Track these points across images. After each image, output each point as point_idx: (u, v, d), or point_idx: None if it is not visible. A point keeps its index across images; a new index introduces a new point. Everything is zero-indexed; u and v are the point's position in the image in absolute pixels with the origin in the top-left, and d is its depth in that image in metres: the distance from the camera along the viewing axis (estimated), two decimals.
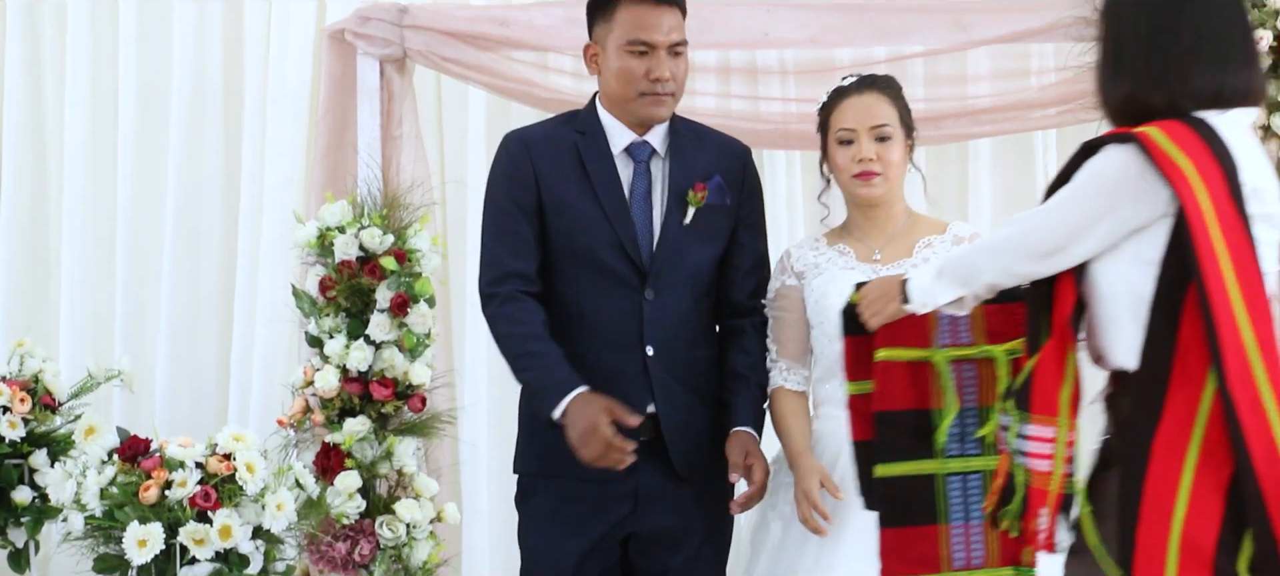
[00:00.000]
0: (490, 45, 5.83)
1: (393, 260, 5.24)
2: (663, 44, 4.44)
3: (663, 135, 4.54)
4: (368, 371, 5.22)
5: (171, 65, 6.12)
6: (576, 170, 4.49)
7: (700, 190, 4.47)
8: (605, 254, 4.45)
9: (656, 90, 4.45)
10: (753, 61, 5.93)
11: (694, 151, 4.54)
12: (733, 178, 4.55)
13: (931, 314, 3.79)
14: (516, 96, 5.87)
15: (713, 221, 4.52)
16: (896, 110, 4.49)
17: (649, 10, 4.44)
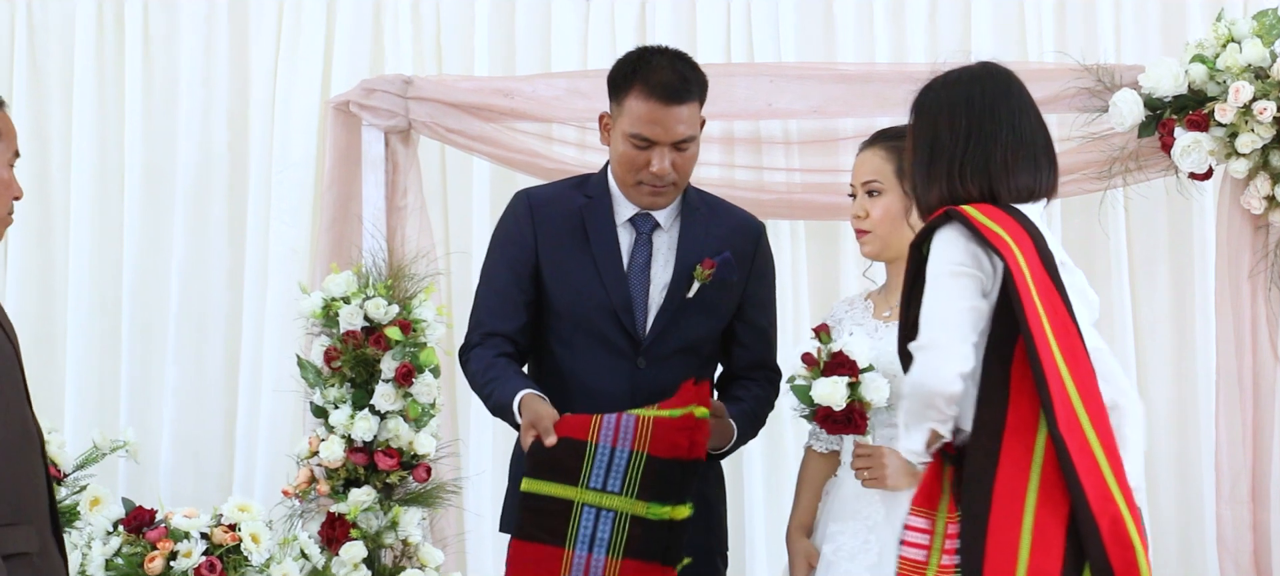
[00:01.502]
0: (494, 116, 5.88)
1: (398, 330, 5.24)
2: (665, 141, 4.39)
3: (673, 207, 4.53)
4: (373, 441, 5.24)
5: (177, 136, 6.16)
6: (578, 235, 4.50)
7: (708, 267, 4.45)
8: (599, 320, 4.46)
9: (654, 183, 4.43)
10: (757, 131, 5.97)
11: (706, 225, 4.53)
12: (743, 254, 4.53)
13: None
14: (521, 167, 5.88)
15: (717, 296, 4.50)
16: (893, 163, 4.41)
17: (655, 107, 4.37)
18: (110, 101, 6.22)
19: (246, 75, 6.20)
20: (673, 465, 4.18)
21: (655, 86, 4.37)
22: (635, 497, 4.14)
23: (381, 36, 6.16)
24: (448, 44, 6.16)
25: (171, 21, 6.21)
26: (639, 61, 4.44)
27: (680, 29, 6.07)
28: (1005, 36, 6.00)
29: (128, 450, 5.38)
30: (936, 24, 6.06)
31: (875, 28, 6.05)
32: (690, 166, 4.47)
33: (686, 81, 4.42)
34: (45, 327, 6.23)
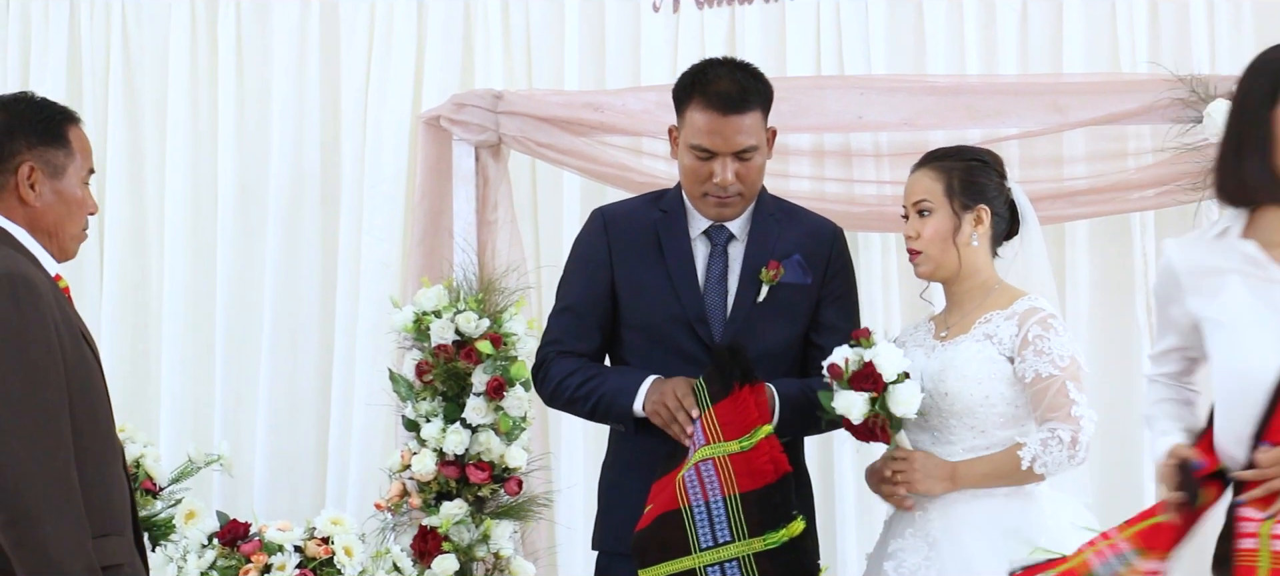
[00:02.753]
0: (584, 130, 5.90)
1: (489, 344, 5.26)
2: (725, 151, 4.39)
3: (745, 217, 4.52)
4: (464, 454, 5.26)
5: (269, 152, 6.23)
6: (653, 249, 4.51)
7: (773, 268, 4.44)
8: (676, 333, 4.46)
9: (717, 194, 4.42)
10: (847, 144, 5.96)
11: (777, 231, 4.52)
12: (816, 256, 4.51)
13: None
14: (610, 180, 5.91)
15: (791, 300, 4.48)
16: (943, 182, 4.38)
17: (714, 118, 4.37)
18: (203, 118, 6.29)
19: (338, 91, 6.25)
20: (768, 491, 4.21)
21: (714, 97, 4.38)
22: (749, 537, 4.18)
23: (472, 51, 6.19)
24: (538, 58, 6.18)
25: (264, 38, 6.27)
26: (699, 73, 4.46)
27: (769, 41, 6.07)
28: (1097, 47, 5.96)
29: (222, 464, 5.44)
30: (1027, 35, 6.03)
31: (965, 39, 6.03)
32: (755, 176, 4.45)
33: (746, 91, 4.41)
34: (140, 343, 6.30)
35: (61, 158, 3.66)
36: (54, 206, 3.64)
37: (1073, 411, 4.23)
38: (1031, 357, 4.27)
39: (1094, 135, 5.82)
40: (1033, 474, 4.26)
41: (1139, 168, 5.79)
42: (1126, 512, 5.60)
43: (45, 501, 3.38)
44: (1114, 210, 5.81)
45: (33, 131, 3.64)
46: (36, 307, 3.46)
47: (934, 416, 4.36)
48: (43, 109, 3.70)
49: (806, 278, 4.50)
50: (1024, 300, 4.35)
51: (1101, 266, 5.93)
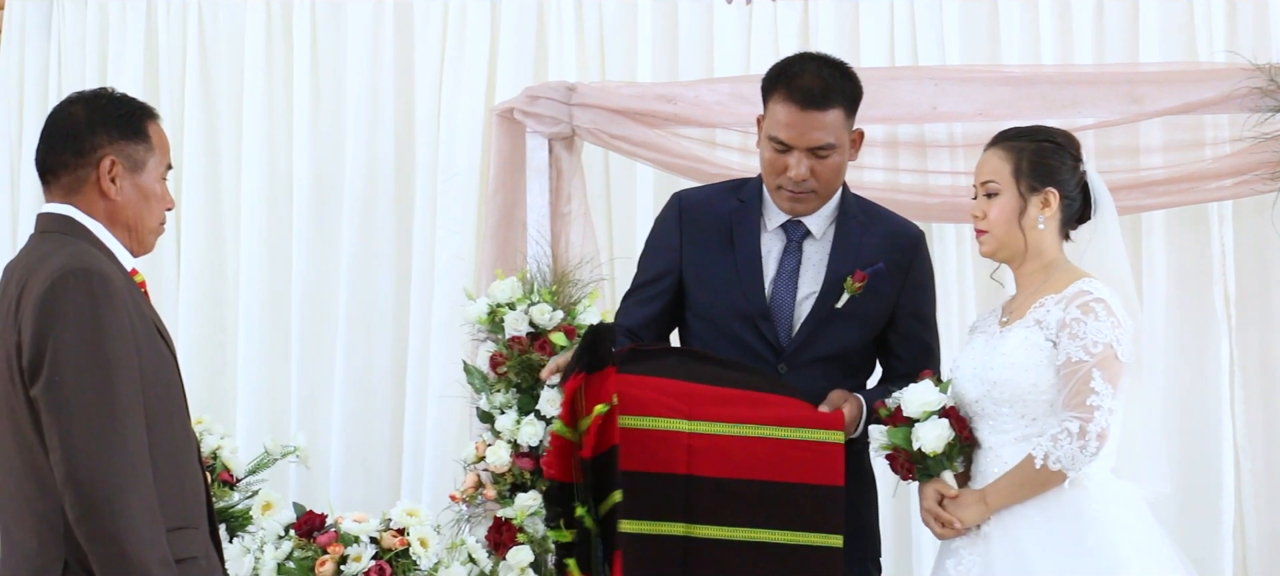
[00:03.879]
0: (657, 122, 5.92)
1: (562, 336, 5.27)
2: (801, 146, 4.41)
3: (827, 215, 4.54)
4: (539, 446, 5.23)
5: (344, 146, 6.27)
6: (724, 239, 4.54)
7: (860, 280, 4.46)
8: (737, 325, 4.48)
9: (791, 188, 4.44)
10: (921, 135, 5.95)
11: (861, 233, 4.53)
12: (898, 264, 4.53)
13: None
14: (684, 172, 5.91)
15: (867, 305, 4.50)
16: (1011, 163, 4.40)
17: (793, 112, 4.40)
18: (279, 112, 6.34)
19: (412, 84, 6.29)
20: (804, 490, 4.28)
21: (796, 91, 4.40)
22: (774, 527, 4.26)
23: (545, 44, 6.21)
24: (611, 50, 6.20)
25: (339, 32, 6.31)
26: (786, 66, 4.50)
27: (843, 32, 6.08)
28: (1174, 36, 5.94)
29: (298, 455, 5.48)
30: (1103, 24, 6.01)
31: (1041, 29, 6.01)
32: (831, 175, 4.46)
33: (829, 88, 4.43)
34: (217, 336, 6.36)
35: (142, 152, 3.70)
36: (133, 201, 3.68)
37: (1089, 401, 4.21)
38: (1066, 341, 4.26)
39: (1171, 125, 5.80)
40: (1053, 473, 4.25)
41: (1216, 158, 5.75)
42: (1204, 502, 5.68)
43: (119, 494, 3.43)
44: (1191, 200, 5.78)
45: (114, 126, 3.68)
46: (111, 302, 3.50)
47: (987, 404, 4.39)
48: (123, 104, 3.73)
49: (890, 287, 4.51)
50: (1078, 283, 4.33)
51: (1179, 257, 5.91)
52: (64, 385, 3.44)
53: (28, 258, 3.61)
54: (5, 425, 3.57)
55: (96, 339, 3.47)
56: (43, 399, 3.46)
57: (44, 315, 3.46)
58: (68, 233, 3.63)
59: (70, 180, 3.66)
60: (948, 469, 4.43)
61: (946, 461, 4.41)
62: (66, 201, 3.66)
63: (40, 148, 3.71)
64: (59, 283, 3.48)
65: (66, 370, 3.44)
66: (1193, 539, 5.62)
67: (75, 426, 3.43)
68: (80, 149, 3.65)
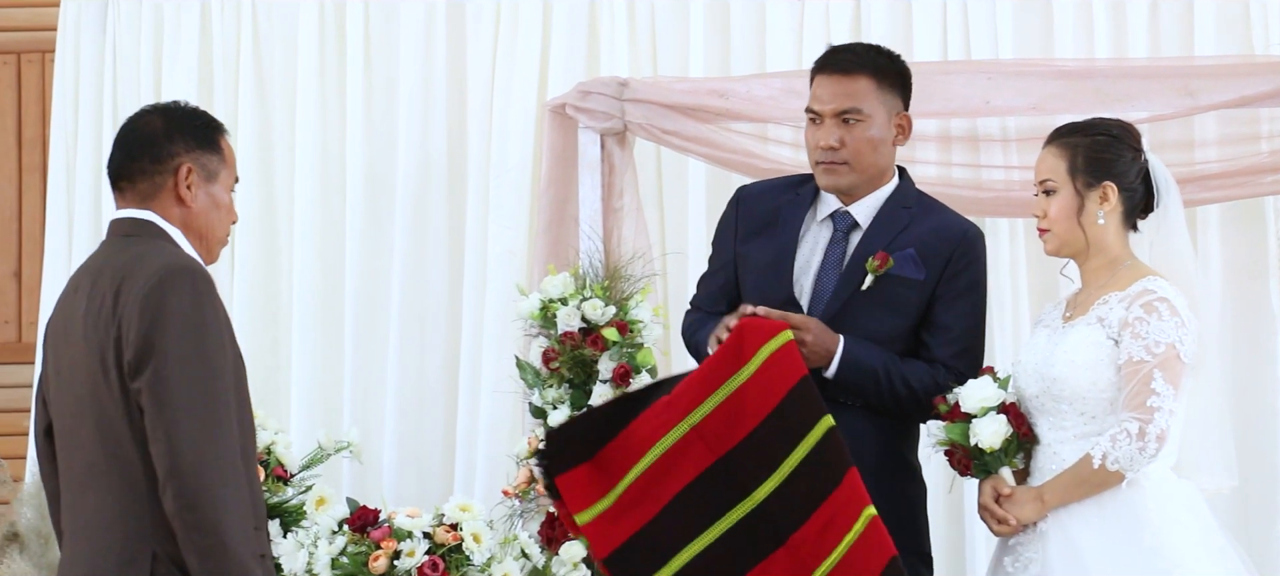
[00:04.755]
0: (710, 117, 5.91)
1: (615, 331, 5.30)
2: (827, 112, 4.52)
3: (873, 205, 4.59)
4: None
5: (397, 142, 6.28)
6: (771, 228, 4.63)
7: (880, 259, 4.49)
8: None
9: (822, 159, 4.53)
10: (974, 129, 5.94)
11: (902, 222, 4.57)
12: (937, 253, 4.55)
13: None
14: (736, 167, 5.91)
15: (900, 293, 4.54)
16: (1066, 160, 4.44)
17: (821, 79, 4.57)
18: (331, 109, 6.34)
19: (464, 80, 6.29)
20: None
21: (826, 61, 4.61)
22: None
23: (597, 39, 6.21)
24: (663, 46, 6.19)
25: (391, 30, 6.32)
26: (822, 55, 4.68)
27: (896, 26, 6.06)
28: (1229, 29, 5.91)
29: (351, 451, 5.50)
30: (1158, 17, 5.99)
31: (1094, 22, 5.99)
32: (863, 146, 4.54)
33: (857, 57, 4.61)
34: (270, 332, 6.39)
35: (215, 163, 3.82)
36: (207, 209, 3.80)
37: (1149, 402, 4.23)
38: (1128, 340, 4.29)
39: (1226, 119, 5.78)
40: (1112, 473, 4.25)
41: (1272, 151, 5.74)
42: (1262, 499, 5.66)
43: (221, 489, 3.52)
44: (1246, 194, 5.77)
45: (191, 135, 3.80)
46: (212, 300, 3.63)
47: (1047, 400, 4.41)
48: (199, 115, 3.86)
49: (919, 273, 4.55)
50: (1142, 282, 4.36)
51: (1233, 251, 5.90)
52: (170, 381, 3.53)
53: (119, 258, 3.69)
54: (89, 425, 3.65)
55: (200, 336, 3.57)
56: (148, 393, 3.54)
57: (150, 311, 3.56)
58: (149, 235, 3.73)
59: (147, 186, 3.76)
60: (1005, 465, 4.45)
61: (1004, 458, 4.43)
62: (143, 207, 3.76)
63: (116, 155, 3.81)
64: (166, 279, 3.58)
65: (173, 365, 3.53)
66: (1250, 536, 5.61)
67: (181, 420, 3.52)
68: (158, 156, 3.75)
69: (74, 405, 3.68)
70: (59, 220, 6.36)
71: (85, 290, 3.70)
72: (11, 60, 6.83)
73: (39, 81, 6.79)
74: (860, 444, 4.41)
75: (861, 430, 4.50)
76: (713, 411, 4.28)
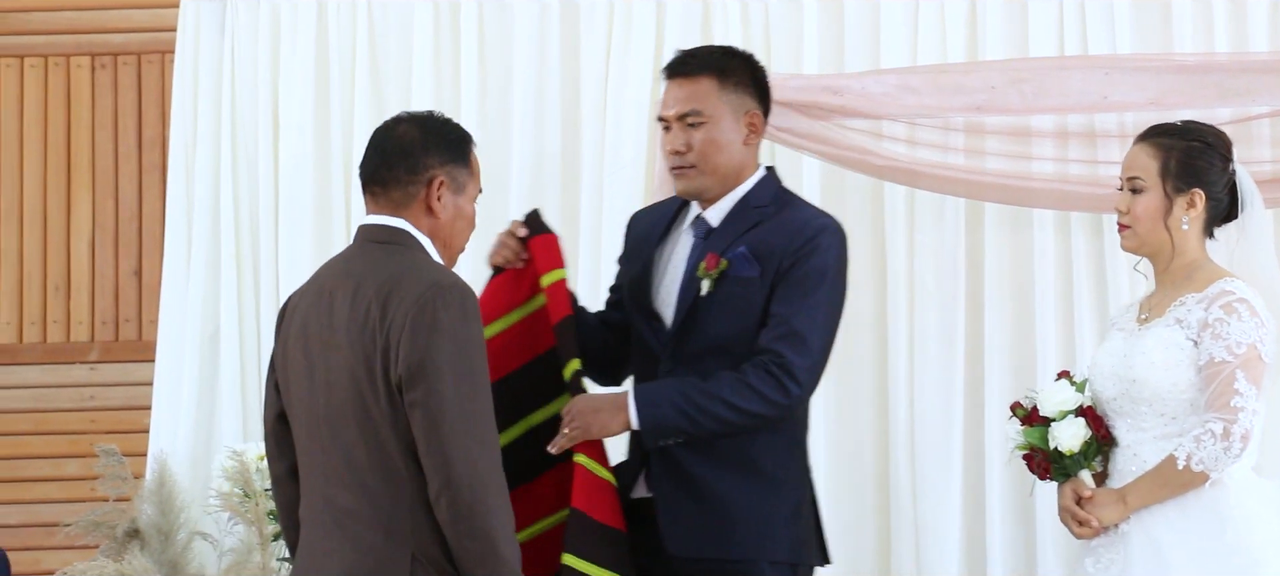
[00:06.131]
0: (823, 114, 5.90)
1: None
2: (671, 116, 4.53)
3: (725, 208, 4.57)
4: None
5: (511, 139, 6.31)
6: (642, 244, 4.69)
7: (710, 261, 4.46)
8: (640, 325, 4.59)
9: (672, 164, 4.56)
10: (1091, 125, 5.93)
11: (751, 222, 4.52)
12: (775, 249, 4.45)
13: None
14: (850, 164, 5.94)
15: (739, 294, 4.46)
16: (1159, 161, 4.43)
17: (666, 85, 4.58)
18: (447, 106, 6.17)
19: (578, 79, 6.32)
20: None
21: (668, 66, 4.60)
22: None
23: (710, 35, 6.16)
24: (776, 42, 6.17)
25: (505, 26, 6.35)
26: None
27: (1012, 21, 6.07)
28: None
29: None
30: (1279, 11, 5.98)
31: (1214, 15, 5.98)
32: (710, 149, 4.51)
33: (697, 57, 4.59)
34: None
35: (464, 175, 4.01)
36: (454, 220, 4.00)
37: (1233, 403, 4.25)
38: (1208, 341, 4.29)
39: None
40: (1196, 474, 4.26)
41: None
42: None
43: (493, 496, 3.74)
44: None
45: (444, 147, 3.99)
46: (476, 315, 3.82)
47: (1126, 403, 4.43)
48: (452, 127, 4.04)
49: (753, 270, 4.46)
50: (1220, 283, 4.37)
51: None
52: (445, 397, 3.71)
53: (381, 267, 3.87)
54: (351, 427, 3.83)
55: (470, 353, 3.77)
56: (422, 408, 3.73)
57: (424, 327, 3.74)
58: (405, 244, 3.92)
59: (401, 194, 3.95)
60: (1085, 468, 4.47)
61: (1084, 460, 4.45)
62: (396, 214, 3.95)
63: (371, 159, 4.01)
64: (437, 294, 3.77)
65: (448, 383, 3.72)
66: None
67: (456, 436, 3.71)
68: (414, 166, 3.94)
69: (335, 406, 3.84)
70: (179, 220, 6.42)
71: (345, 295, 3.86)
72: (132, 61, 6.98)
73: (159, 82, 6.95)
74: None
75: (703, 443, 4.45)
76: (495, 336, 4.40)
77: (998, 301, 6.00)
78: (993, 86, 5.81)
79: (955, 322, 6.00)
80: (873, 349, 6.07)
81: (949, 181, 5.92)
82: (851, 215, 5.73)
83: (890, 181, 6.00)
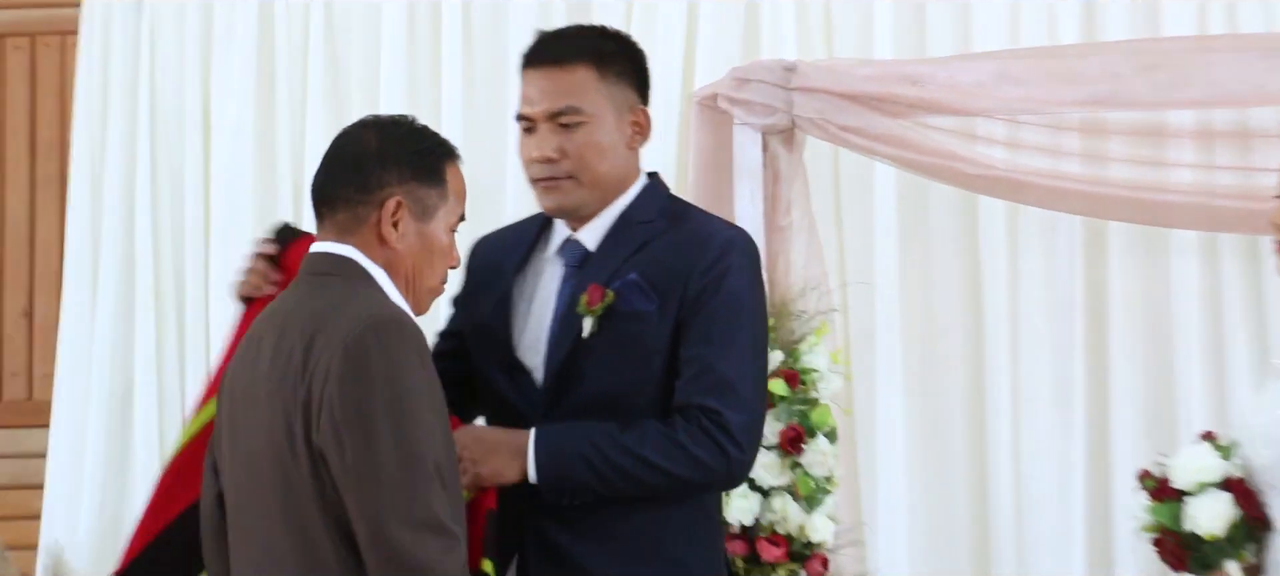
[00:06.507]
0: (900, 110, 5.80)
1: (782, 383, 5.30)
2: (539, 115, 4.28)
3: (603, 225, 4.31)
4: (754, 526, 5.26)
5: (506, 145, 6.16)
6: (498, 277, 4.41)
7: (593, 294, 4.20)
8: (498, 380, 4.33)
9: (539, 175, 4.28)
10: (1243, 122, 5.83)
11: (637, 242, 4.30)
12: (675, 274, 4.24)
13: None
14: (934, 173, 5.84)
15: (631, 332, 4.21)
16: None
17: (527, 75, 4.36)
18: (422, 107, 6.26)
19: None
20: None
21: (530, 51, 4.37)
22: None
23: (757, 13, 6.15)
24: (840, 20, 6.14)
25: (497, 10, 6.34)
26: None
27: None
28: None
29: None
30: None
31: None
32: (590, 155, 4.27)
33: (569, 40, 4.38)
34: None
35: (433, 198, 3.86)
36: (415, 251, 3.85)
37: None
38: None
39: None
40: None
41: None
42: None
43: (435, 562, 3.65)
44: None
45: (406, 160, 3.84)
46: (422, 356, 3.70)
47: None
48: (421, 138, 3.89)
49: (649, 303, 4.22)
50: None
51: None
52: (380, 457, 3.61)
53: (311, 303, 3.77)
54: (268, 495, 3.72)
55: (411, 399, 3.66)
56: (352, 471, 3.61)
57: (350, 372, 3.63)
58: (346, 276, 3.81)
59: (347, 217, 3.82)
60: (1232, 558, 4.39)
61: (1230, 548, 4.38)
62: (341, 240, 3.83)
63: (321, 173, 3.89)
64: (371, 332, 3.65)
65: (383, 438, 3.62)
66: None
67: (395, 508, 3.60)
68: (365, 183, 3.81)
69: (250, 477, 3.76)
70: (82, 246, 6.36)
71: (270, 341, 3.75)
72: (24, 45, 6.81)
73: (57, 71, 6.78)
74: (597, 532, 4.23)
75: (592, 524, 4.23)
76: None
77: (1126, 344, 5.96)
78: (1116, 74, 5.74)
79: (1072, 372, 5.92)
80: (966, 406, 6.01)
81: (1062, 194, 5.82)
82: (936, 236, 5.90)
83: (986, 194, 5.92)
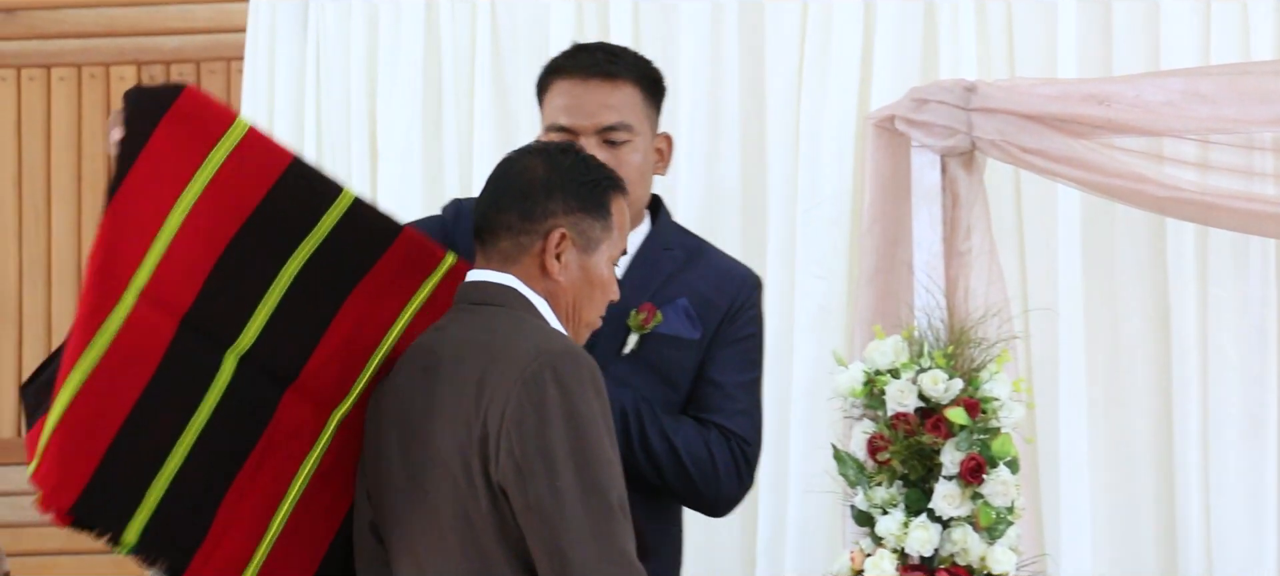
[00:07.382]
0: (1085, 131, 5.77)
1: (963, 412, 5.22)
2: (587, 128, 4.48)
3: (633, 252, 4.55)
4: (934, 557, 5.21)
5: (676, 167, 5.94)
6: None
7: (646, 312, 4.44)
8: None
9: None
10: None
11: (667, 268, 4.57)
12: (714, 305, 4.51)
13: None
14: (1120, 195, 5.81)
15: (670, 357, 4.49)
16: None
17: (574, 85, 4.55)
18: None
19: (763, 90, 6.21)
20: None
21: (576, 66, 4.58)
22: None
23: (936, 33, 6.10)
24: (1022, 39, 6.09)
25: (669, 24, 6.30)
26: (559, 55, 4.68)
27: None
28: None
29: None
30: None
31: None
32: (634, 176, 4.46)
33: (620, 57, 4.63)
34: None
35: (598, 230, 3.99)
36: (577, 284, 3.98)
37: None
38: None
39: None
40: None
41: None
42: None
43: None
44: None
45: (573, 191, 3.96)
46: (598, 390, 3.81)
47: None
48: (588, 169, 4.01)
49: (694, 331, 4.51)
50: None
51: None
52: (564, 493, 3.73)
53: (479, 336, 3.88)
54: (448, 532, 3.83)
55: (591, 433, 3.78)
56: (536, 510, 3.73)
57: (529, 407, 3.74)
58: (507, 305, 3.92)
59: (510, 245, 3.95)
60: None
61: None
62: (503, 269, 3.95)
63: (482, 200, 4.01)
64: (546, 365, 3.77)
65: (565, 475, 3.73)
66: None
67: (581, 542, 3.72)
68: (530, 211, 3.94)
69: (420, 510, 3.87)
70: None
71: (443, 374, 3.86)
72: (189, 70, 6.96)
73: (223, 97, 6.84)
74: None
75: None
76: (160, 261, 3.96)
77: None
78: None
79: (1267, 404, 5.89)
80: (1153, 436, 5.99)
81: (1256, 217, 5.78)
82: (1122, 261, 5.90)
83: (1175, 217, 5.89)
